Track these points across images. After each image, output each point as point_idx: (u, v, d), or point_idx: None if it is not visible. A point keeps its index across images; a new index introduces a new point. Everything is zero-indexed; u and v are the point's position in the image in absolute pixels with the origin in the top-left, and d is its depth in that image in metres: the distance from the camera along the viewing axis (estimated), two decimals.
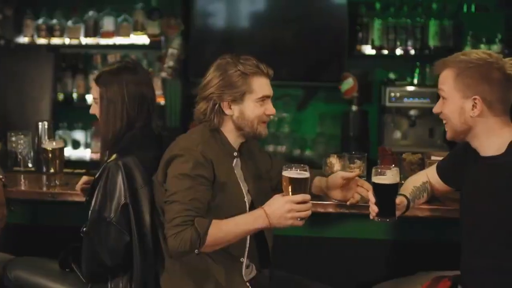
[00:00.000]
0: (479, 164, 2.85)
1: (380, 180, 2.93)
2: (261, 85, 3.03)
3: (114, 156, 3.07)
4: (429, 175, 3.22)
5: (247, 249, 3.04)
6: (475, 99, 2.76)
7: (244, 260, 3.04)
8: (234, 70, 2.99)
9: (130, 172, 3.03)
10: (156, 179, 3.02)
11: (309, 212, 2.82)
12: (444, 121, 2.90)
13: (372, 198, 2.97)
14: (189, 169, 2.87)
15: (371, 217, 3.00)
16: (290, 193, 2.83)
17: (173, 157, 2.92)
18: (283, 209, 2.78)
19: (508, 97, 2.80)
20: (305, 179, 2.84)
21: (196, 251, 2.80)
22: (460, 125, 2.82)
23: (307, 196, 2.82)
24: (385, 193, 2.94)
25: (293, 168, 2.84)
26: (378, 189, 2.95)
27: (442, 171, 3.17)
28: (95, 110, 3.28)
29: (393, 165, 3.05)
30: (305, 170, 2.84)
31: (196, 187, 2.86)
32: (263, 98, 3.03)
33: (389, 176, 2.93)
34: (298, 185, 2.83)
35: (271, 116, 3.09)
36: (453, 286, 2.99)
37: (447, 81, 2.83)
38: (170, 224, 2.82)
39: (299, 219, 2.82)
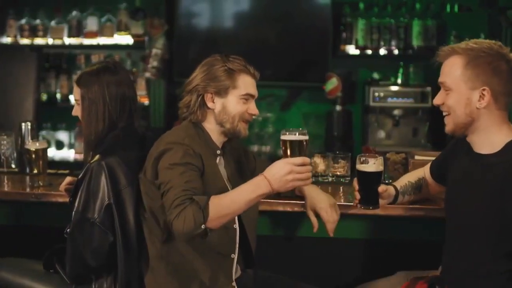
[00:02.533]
0: (472, 160, 2.81)
1: (363, 168, 2.96)
2: (246, 83, 3.05)
3: (97, 156, 3.06)
4: (426, 172, 3.22)
5: (237, 245, 3.04)
6: (483, 89, 2.69)
7: (235, 257, 3.04)
8: (220, 65, 3.03)
9: (113, 172, 3.03)
10: (143, 177, 3.00)
11: (309, 175, 2.76)
12: (445, 113, 2.82)
13: (355, 186, 3.00)
14: (179, 158, 2.85)
15: (354, 204, 3.04)
16: (289, 156, 2.80)
17: (162, 152, 2.90)
18: (283, 171, 2.72)
19: None
20: (304, 141, 2.81)
21: (202, 226, 2.70)
22: (464, 117, 2.74)
23: (306, 159, 2.76)
24: (367, 181, 2.96)
25: (292, 132, 2.82)
26: (361, 177, 2.97)
27: (433, 168, 3.17)
28: (77, 111, 3.27)
29: (376, 155, 3.05)
30: (304, 134, 2.82)
31: (188, 172, 2.83)
32: (247, 97, 3.05)
33: (371, 165, 2.95)
34: (297, 148, 2.80)
35: (253, 117, 3.11)
36: (430, 287, 2.99)
37: (454, 69, 2.74)
38: (170, 208, 2.75)
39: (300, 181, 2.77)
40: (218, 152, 3.07)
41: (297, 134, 2.81)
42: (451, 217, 2.92)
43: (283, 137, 2.83)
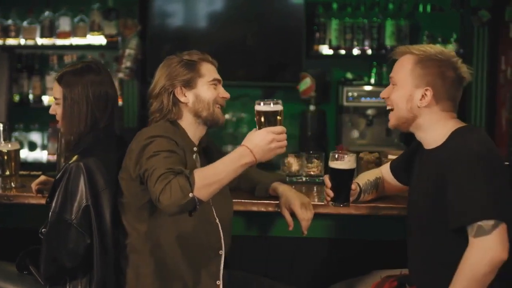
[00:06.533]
0: (422, 157, 2.90)
1: (338, 165, 2.96)
2: (210, 70, 3.11)
3: (75, 157, 3.03)
4: (383, 171, 3.29)
5: (222, 241, 3.04)
6: (426, 90, 2.81)
7: (223, 252, 3.04)
8: (178, 61, 3.09)
9: (92, 174, 3.00)
10: (124, 175, 2.98)
11: (286, 142, 2.76)
12: (388, 107, 2.93)
13: (328, 183, 3.01)
14: (164, 147, 2.83)
15: (325, 202, 3.07)
16: (267, 125, 2.78)
17: (145, 145, 2.86)
18: (266, 141, 2.72)
19: (457, 96, 2.86)
20: (280, 111, 2.79)
21: (190, 195, 2.62)
22: (406, 113, 2.85)
23: (284, 128, 2.77)
24: (342, 179, 2.97)
25: (266, 102, 2.79)
26: (335, 174, 2.97)
27: (394, 167, 3.24)
28: (55, 110, 3.23)
29: (348, 152, 3.06)
30: (279, 104, 2.79)
31: (173, 157, 2.80)
32: (215, 82, 3.10)
33: (346, 162, 2.95)
34: (272, 118, 2.78)
35: (225, 100, 3.15)
36: (400, 285, 3.02)
37: (405, 66, 2.86)
38: (155, 185, 2.68)
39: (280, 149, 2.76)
40: (195, 149, 3.08)
41: (271, 104, 2.78)
42: (409, 216, 2.99)
43: (258, 108, 2.80)
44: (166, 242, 2.95)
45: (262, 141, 2.72)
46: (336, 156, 2.96)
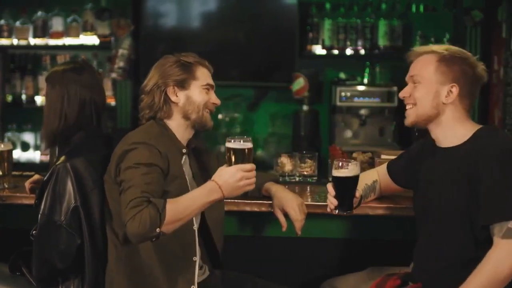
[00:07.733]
0: (438, 156, 2.91)
1: (342, 173, 2.94)
2: (204, 74, 3.12)
3: (62, 158, 3.04)
4: (380, 174, 3.27)
5: (197, 247, 3.02)
6: (452, 86, 2.85)
7: (197, 259, 3.02)
8: (174, 61, 3.10)
9: (79, 174, 3.01)
10: (107, 178, 2.99)
11: (255, 179, 2.83)
12: (409, 106, 2.95)
13: (331, 191, 2.99)
14: (145, 159, 2.85)
15: (328, 210, 3.03)
16: (236, 163, 2.83)
17: (127, 151, 2.89)
18: (234, 178, 2.78)
19: (475, 96, 2.92)
20: (250, 149, 2.84)
21: (157, 230, 2.69)
22: (430, 109, 2.88)
23: (253, 166, 2.83)
24: (346, 187, 2.95)
25: (236, 140, 2.84)
26: (339, 182, 2.95)
27: (393, 170, 3.23)
28: None
29: (352, 159, 3.04)
30: (249, 141, 2.84)
31: (151, 173, 2.83)
32: (208, 87, 3.11)
33: (350, 169, 2.93)
34: (242, 155, 2.83)
35: (215, 106, 3.16)
36: (403, 283, 3.01)
37: (427, 64, 2.89)
38: (126, 208, 2.74)
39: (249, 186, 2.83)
40: (184, 151, 3.07)
41: (241, 141, 2.83)
42: (423, 216, 2.97)
43: (228, 145, 2.85)
44: (142, 247, 2.93)
45: (231, 178, 2.79)
46: (340, 164, 2.94)
